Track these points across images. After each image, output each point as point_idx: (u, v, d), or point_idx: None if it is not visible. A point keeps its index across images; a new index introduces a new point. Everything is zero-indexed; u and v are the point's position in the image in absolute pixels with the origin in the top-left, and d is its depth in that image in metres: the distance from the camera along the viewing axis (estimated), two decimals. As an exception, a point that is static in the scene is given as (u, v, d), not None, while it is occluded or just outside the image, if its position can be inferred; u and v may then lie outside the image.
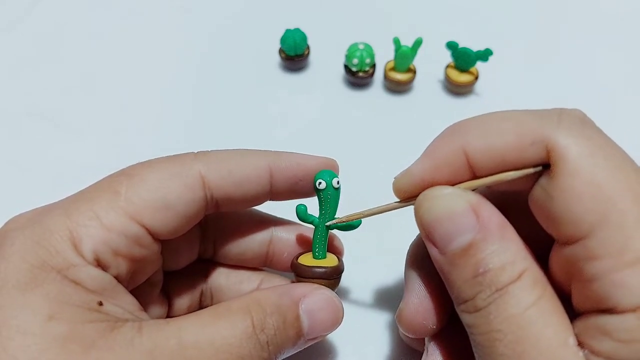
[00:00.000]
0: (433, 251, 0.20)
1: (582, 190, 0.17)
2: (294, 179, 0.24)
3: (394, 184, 0.22)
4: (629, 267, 0.16)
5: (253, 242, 0.27)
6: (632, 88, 0.42)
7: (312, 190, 0.25)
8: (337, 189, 0.24)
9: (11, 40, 0.46)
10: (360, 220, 0.25)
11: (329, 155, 0.26)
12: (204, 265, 0.28)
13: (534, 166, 0.18)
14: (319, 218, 0.25)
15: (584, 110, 0.20)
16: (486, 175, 0.20)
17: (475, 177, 0.20)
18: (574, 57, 0.45)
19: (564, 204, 0.17)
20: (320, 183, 0.24)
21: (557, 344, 0.17)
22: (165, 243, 0.23)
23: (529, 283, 0.18)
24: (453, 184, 0.20)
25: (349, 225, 0.25)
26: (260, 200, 0.25)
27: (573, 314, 0.18)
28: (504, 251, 0.18)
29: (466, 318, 0.19)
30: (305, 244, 0.27)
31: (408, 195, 0.22)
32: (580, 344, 0.17)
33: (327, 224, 0.25)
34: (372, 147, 0.39)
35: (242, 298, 0.22)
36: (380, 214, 0.23)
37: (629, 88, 0.42)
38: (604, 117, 0.24)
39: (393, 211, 0.23)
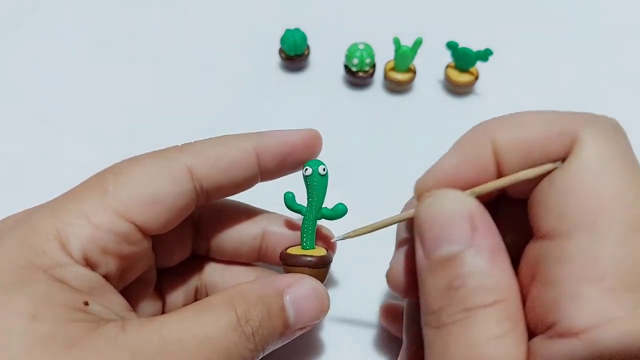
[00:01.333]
0: (419, 252, 0.19)
1: (583, 188, 0.16)
2: (281, 156, 0.24)
3: (415, 186, 0.21)
4: (593, 282, 0.15)
5: (246, 237, 0.27)
6: (632, 88, 0.42)
7: (301, 163, 0.25)
8: (324, 176, 0.24)
9: (12, 41, 0.46)
10: (346, 209, 0.25)
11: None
12: (199, 263, 0.28)
13: (554, 162, 0.18)
14: (307, 207, 0.25)
15: (584, 110, 0.19)
16: (509, 174, 0.19)
17: (499, 177, 0.19)
18: (574, 57, 0.45)
19: (560, 195, 0.17)
20: (306, 170, 0.24)
21: None
22: (157, 239, 0.23)
23: (500, 315, 0.16)
24: (475, 185, 0.19)
25: (336, 214, 0.25)
26: (250, 183, 0.25)
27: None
28: (487, 274, 0.17)
29: (427, 332, 0.18)
30: (297, 237, 0.27)
31: None
32: None
33: (334, 240, 0.25)
34: (372, 147, 0.39)
35: (225, 292, 0.21)
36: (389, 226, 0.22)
37: (629, 88, 0.42)
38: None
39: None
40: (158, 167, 0.22)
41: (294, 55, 0.43)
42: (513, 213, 0.20)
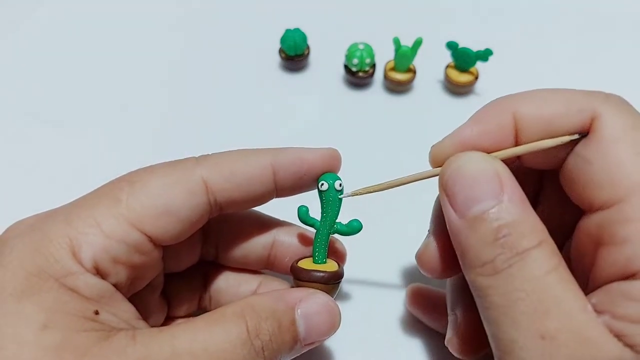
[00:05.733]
0: (451, 215, 0.20)
1: (623, 155, 0.18)
2: (298, 174, 0.24)
3: (431, 151, 0.22)
4: None
5: (256, 245, 0.26)
6: (632, 88, 0.42)
7: (312, 180, 0.24)
8: (340, 192, 0.24)
9: (12, 41, 0.46)
10: (361, 225, 0.24)
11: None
12: (204, 267, 0.27)
13: (572, 134, 0.20)
14: (320, 221, 0.24)
15: None
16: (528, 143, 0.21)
17: (517, 145, 0.21)
18: (574, 57, 0.45)
19: (603, 167, 0.18)
20: (322, 184, 0.24)
21: (578, 308, 0.17)
22: (167, 247, 0.23)
23: (548, 251, 0.18)
24: (493, 152, 0.21)
25: (350, 230, 0.24)
26: (265, 199, 0.24)
27: (588, 288, 0.19)
28: (524, 220, 0.18)
29: (481, 281, 0.19)
30: (307, 248, 0.27)
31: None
32: (598, 313, 0.18)
33: (341, 196, 0.24)
34: (372, 147, 0.39)
35: (237, 303, 0.21)
36: (404, 185, 0.23)
37: (629, 88, 0.42)
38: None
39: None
40: (174, 179, 0.22)
41: (294, 55, 0.42)
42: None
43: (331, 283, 0.24)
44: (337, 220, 0.24)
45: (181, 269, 0.26)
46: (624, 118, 0.19)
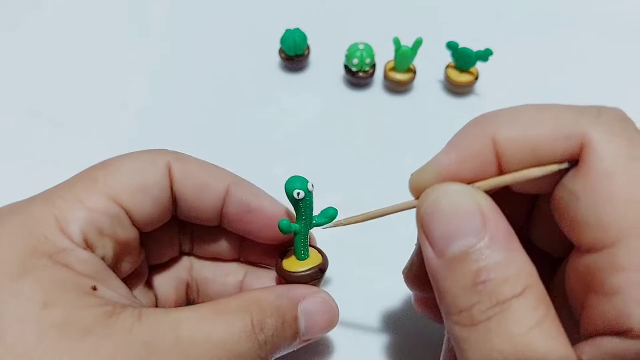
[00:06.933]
0: (429, 253, 0.18)
1: (615, 193, 0.16)
2: (246, 208, 0.24)
3: (410, 180, 0.20)
4: None
5: (228, 237, 0.27)
6: (632, 88, 0.42)
7: (261, 230, 0.25)
8: (311, 192, 0.24)
9: (13, 40, 0.46)
10: (337, 210, 0.24)
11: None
12: (187, 258, 0.28)
13: (560, 163, 0.17)
14: (300, 224, 0.24)
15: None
16: (511, 172, 0.18)
17: (500, 174, 0.19)
18: (574, 57, 0.45)
19: (592, 205, 0.16)
20: (298, 194, 0.23)
21: None
22: (146, 235, 0.24)
23: (533, 301, 0.16)
24: (475, 181, 0.19)
25: (329, 219, 0.24)
26: (209, 214, 0.25)
27: (578, 337, 0.17)
28: (508, 262, 0.16)
29: (457, 331, 0.17)
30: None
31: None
32: None
33: (323, 227, 0.24)
34: (372, 148, 0.39)
35: (242, 297, 0.22)
36: (384, 216, 0.22)
37: (629, 88, 0.42)
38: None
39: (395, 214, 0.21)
40: (145, 160, 0.23)
41: (294, 55, 0.43)
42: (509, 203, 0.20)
43: (319, 277, 0.25)
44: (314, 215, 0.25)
45: (163, 260, 0.27)
46: (617, 145, 0.16)
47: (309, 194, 0.23)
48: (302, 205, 0.24)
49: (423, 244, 0.18)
